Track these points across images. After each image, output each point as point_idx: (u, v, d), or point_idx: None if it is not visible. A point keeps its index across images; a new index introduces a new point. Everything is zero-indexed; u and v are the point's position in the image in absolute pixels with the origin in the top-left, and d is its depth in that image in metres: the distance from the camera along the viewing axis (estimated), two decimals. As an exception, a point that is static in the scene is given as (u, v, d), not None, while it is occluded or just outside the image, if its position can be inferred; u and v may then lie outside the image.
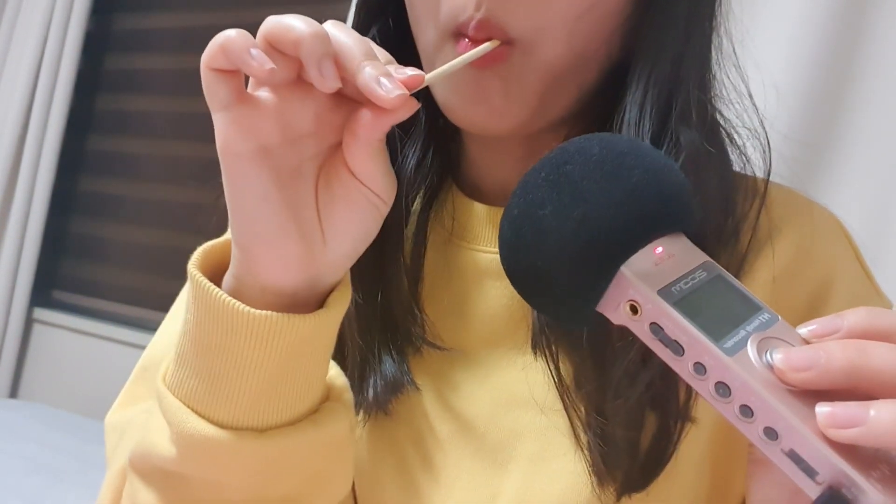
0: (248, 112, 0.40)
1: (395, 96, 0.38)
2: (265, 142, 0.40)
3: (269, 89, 0.40)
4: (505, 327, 0.55)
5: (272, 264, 0.43)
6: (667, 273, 0.34)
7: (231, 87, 0.39)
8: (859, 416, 0.29)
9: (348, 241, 0.44)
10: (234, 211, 0.42)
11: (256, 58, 0.37)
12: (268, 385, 0.44)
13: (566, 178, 0.36)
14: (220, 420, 0.45)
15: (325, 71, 0.38)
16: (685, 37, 0.50)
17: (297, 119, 0.41)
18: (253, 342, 0.43)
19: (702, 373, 0.32)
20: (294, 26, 0.38)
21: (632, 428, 0.49)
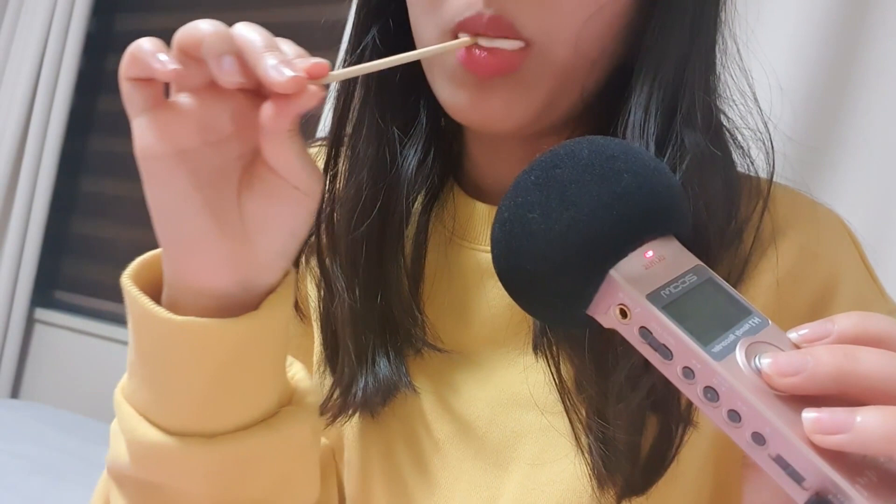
0: (165, 116, 0.40)
1: (286, 78, 0.37)
2: (182, 145, 0.40)
3: (187, 94, 0.41)
4: (506, 328, 0.55)
5: (198, 267, 0.43)
6: (656, 277, 0.34)
7: (146, 94, 0.40)
8: (846, 422, 0.29)
9: (274, 239, 0.43)
10: (156, 215, 0.42)
11: (161, 61, 0.38)
12: (209, 391, 0.44)
13: (555, 181, 0.36)
14: (170, 427, 0.45)
15: (223, 65, 0.38)
16: (690, 39, 0.50)
17: (216, 122, 0.41)
18: (183, 349, 0.43)
19: (690, 377, 0.32)
20: (197, 28, 0.39)
21: (633, 432, 0.48)
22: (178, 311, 0.43)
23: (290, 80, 0.37)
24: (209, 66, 0.38)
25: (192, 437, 0.45)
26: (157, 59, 0.38)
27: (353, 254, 0.55)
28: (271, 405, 0.47)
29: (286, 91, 0.38)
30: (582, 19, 0.48)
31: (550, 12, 0.47)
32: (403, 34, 0.54)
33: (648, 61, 0.49)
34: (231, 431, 0.45)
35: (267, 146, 0.41)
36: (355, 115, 0.57)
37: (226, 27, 0.39)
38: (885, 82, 1.06)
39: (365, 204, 0.55)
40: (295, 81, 0.37)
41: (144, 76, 0.39)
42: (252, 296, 0.45)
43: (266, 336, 0.45)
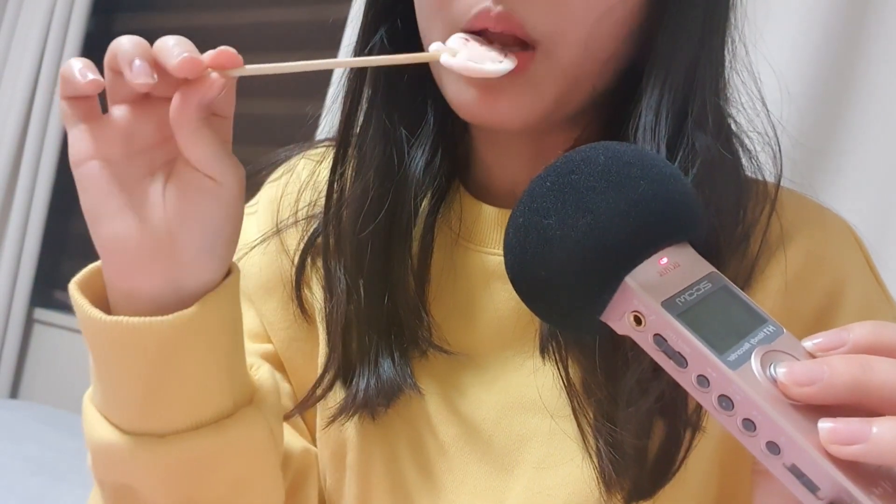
0: (93, 128, 0.44)
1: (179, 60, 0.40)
2: (106, 154, 0.44)
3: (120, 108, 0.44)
4: (513, 330, 0.54)
5: (126, 269, 0.45)
6: (671, 284, 0.34)
7: (77, 110, 0.44)
8: (861, 432, 0.29)
9: (193, 233, 0.45)
10: (87, 218, 0.45)
11: (81, 75, 0.42)
12: (146, 388, 0.46)
13: (571, 187, 0.36)
14: (124, 426, 0.47)
15: (133, 68, 0.41)
16: (700, 42, 0.50)
17: (141, 132, 0.44)
18: (116, 347, 0.46)
19: (705, 385, 0.32)
20: (116, 41, 0.42)
21: (641, 436, 0.49)
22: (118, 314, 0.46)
23: (183, 62, 0.40)
24: (123, 73, 0.41)
25: (144, 436, 0.47)
26: (79, 76, 0.42)
27: (359, 254, 0.55)
28: (224, 406, 0.48)
29: (179, 73, 0.41)
30: (592, 20, 0.48)
31: (560, 13, 0.47)
32: (411, 34, 0.54)
33: (659, 63, 0.49)
34: (181, 431, 0.47)
35: (179, 138, 0.44)
36: (363, 116, 0.57)
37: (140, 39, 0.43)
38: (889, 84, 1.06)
39: (372, 204, 0.55)
40: (187, 62, 0.40)
41: (75, 94, 0.43)
42: (186, 297, 0.46)
43: (201, 334, 0.46)
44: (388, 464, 0.57)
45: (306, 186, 0.63)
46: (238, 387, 0.49)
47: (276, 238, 0.63)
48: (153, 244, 0.45)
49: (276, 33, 2.13)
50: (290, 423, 0.61)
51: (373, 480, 0.57)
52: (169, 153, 0.45)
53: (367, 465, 0.57)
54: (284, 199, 0.63)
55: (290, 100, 1.93)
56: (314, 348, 0.61)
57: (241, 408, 0.49)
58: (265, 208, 0.64)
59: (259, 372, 0.54)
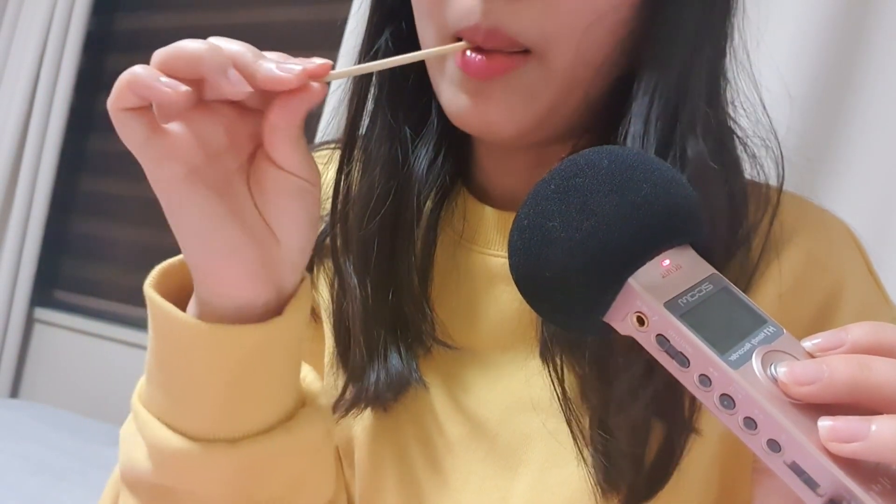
0: (168, 140, 0.40)
1: (296, 73, 0.39)
2: (191, 163, 0.41)
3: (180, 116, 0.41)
4: (515, 331, 0.55)
5: (237, 279, 0.44)
6: (673, 285, 0.35)
7: (145, 122, 0.40)
8: (861, 430, 0.30)
9: (300, 231, 0.45)
10: (185, 235, 0.43)
11: (168, 84, 0.38)
12: (229, 396, 0.45)
13: (575, 190, 0.36)
14: (191, 432, 0.46)
15: (232, 77, 0.39)
16: (694, 49, 0.50)
17: (212, 137, 0.42)
18: (205, 354, 0.44)
19: (707, 385, 0.33)
20: (187, 47, 0.39)
21: (636, 442, 0.49)
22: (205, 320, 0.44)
23: (300, 75, 0.39)
24: (216, 81, 0.39)
25: (215, 441, 0.46)
26: (164, 84, 0.38)
27: (366, 250, 0.56)
28: (289, 408, 0.48)
29: (294, 86, 0.40)
30: (582, 27, 0.48)
31: (549, 22, 0.47)
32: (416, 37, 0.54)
33: (649, 71, 0.49)
34: (252, 435, 0.46)
35: (278, 143, 0.42)
36: (368, 116, 0.57)
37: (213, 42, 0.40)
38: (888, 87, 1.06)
39: (377, 201, 0.56)
40: (305, 75, 0.39)
41: (141, 105, 0.39)
42: (283, 299, 0.46)
43: (285, 339, 0.46)
44: (397, 459, 0.57)
45: None
46: (298, 387, 0.50)
47: None
48: (264, 250, 0.44)
49: (276, 33, 2.14)
50: None
51: (381, 476, 0.58)
52: (237, 158, 0.43)
53: (376, 460, 0.58)
54: None
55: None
56: (319, 347, 0.62)
57: (300, 408, 0.50)
58: None
59: (303, 370, 0.53)
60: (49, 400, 2.24)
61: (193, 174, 0.41)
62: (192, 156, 0.41)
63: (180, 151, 0.41)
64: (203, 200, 0.42)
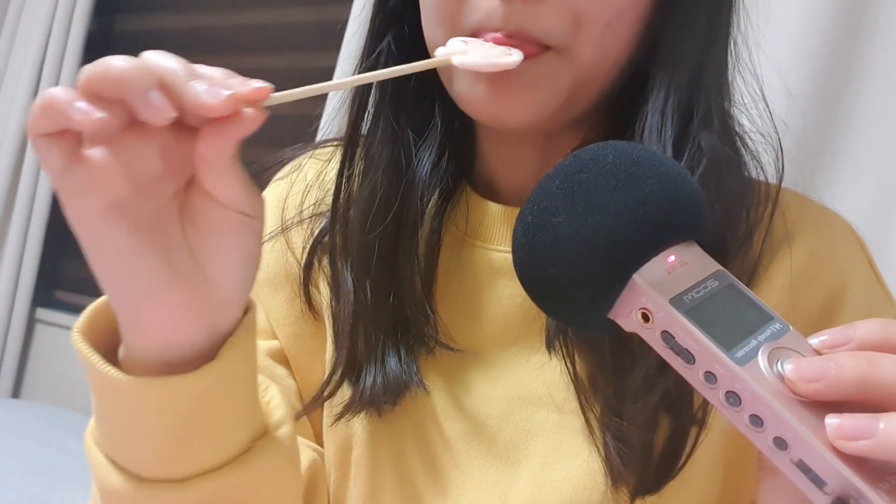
0: (89, 170, 0.36)
1: (221, 100, 0.35)
2: (114, 197, 0.37)
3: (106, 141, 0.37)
4: (518, 326, 0.55)
5: (162, 321, 0.40)
6: (679, 282, 0.35)
7: (63, 149, 0.35)
8: (868, 428, 0.29)
9: (233, 271, 0.41)
10: (104, 275, 0.39)
11: (82, 110, 0.34)
12: (172, 443, 0.42)
13: (580, 186, 0.36)
14: (137, 472, 0.43)
15: (154, 101, 0.35)
16: (705, 43, 0.51)
17: (143, 164, 0.37)
18: (137, 407, 0.41)
19: (712, 382, 0.33)
20: (112, 65, 0.35)
21: (647, 430, 0.49)
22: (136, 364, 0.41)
23: (226, 101, 0.35)
24: (136, 105, 0.35)
25: (162, 483, 0.43)
26: (77, 109, 0.34)
27: (366, 254, 0.56)
28: (243, 442, 0.45)
29: (220, 113, 0.35)
30: (604, 25, 0.48)
31: (572, 20, 0.47)
32: (418, 40, 0.54)
33: (665, 64, 0.50)
34: (202, 473, 0.44)
35: (209, 174, 0.38)
36: (370, 118, 0.57)
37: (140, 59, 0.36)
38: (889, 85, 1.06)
39: (380, 205, 0.56)
40: (232, 100, 0.35)
41: (59, 129, 0.35)
42: (218, 338, 0.42)
43: (229, 382, 0.43)
44: (395, 459, 0.57)
45: (313, 185, 0.63)
46: (255, 419, 0.47)
47: (282, 236, 0.63)
48: (194, 290, 0.40)
49: (276, 33, 2.14)
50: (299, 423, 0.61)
51: (379, 475, 0.58)
52: (173, 185, 0.39)
53: (374, 460, 0.58)
54: (291, 198, 0.64)
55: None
56: (320, 345, 0.62)
57: (257, 439, 0.47)
58: (272, 206, 0.65)
59: (269, 394, 0.51)
60: (50, 400, 2.24)
61: (114, 209, 0.37)
62: (115, 188, 0.37)
63: (101, 183, 0.36)
64: (122, 239, 0.38)
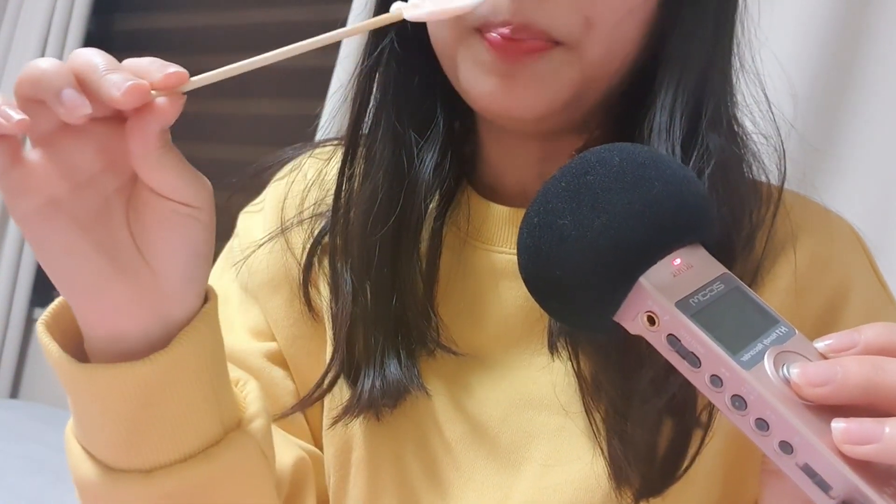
0: (26, 171, 0.38)
1: (122, 92, 0.35)
2: (51, 195, 0.38)
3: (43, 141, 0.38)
4: (520, 328, 0.55)
5: (104, 313, 0.42)
6: (685, 284, 0.35)
7: (3, 152, 0.37)
8: (874, 433, 0.29)
9: (178, 264, 0.42)
10: (48, 269, 0.41)
11: (3, 116, 0.35)
12: (130, 430, 0.43)
13: (586, 188, 0.36)
14: (108, 462, 0.45)
15: (65, 100, 0.35)
16: (712, 44, 0.51)
17: (81, 161, 0.39)
18: (94, 393, 0.43)
19: (718, 385, 0.33)
20: (32, 67, 0.36)
21: (652, 433, 0.49)
22: (95, 354, 0.43)
23: (127, 92, 0.35)
24: (51, 104, 0.36)
25: (129, 472, 0.44)
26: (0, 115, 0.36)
27: (367, 255, 0.56)
28: (212, 433, 0.46)
29: (127, 106, 0.36)
30: (613, 23, 0.48)
31: (582, 17, 0.47)
32: (421, 36, 0.54)
33: (672, 65, 0.50)
34: (168, 465, 0.45)
35: (142, 169, 0.39)
36: (371, 118, 0.57)
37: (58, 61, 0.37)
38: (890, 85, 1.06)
39: (381, 206, 0.55)
40: (133, 91, 0.35)
41: None
42: (173, 327, 0.43)
43: (183, 370, 0.44)
44: (394, 462, 0.57)
45: (312, 185, 0.63)
46: (225, 411, 0.47)
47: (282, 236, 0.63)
48: (136, 283, 0.41)
49: (276, 33, 2.13)
50: (291, 422, 0.61)
51: (378, 478, 0.57)
52: (116, 179, 0.40)
53: (373, 463, 0.58)
54: (290, 198, 0.64)
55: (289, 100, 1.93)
56: (319, 347, 0.61)
57: (230, 432, 0.47)
58: (271, 206, 0.64)
59: (246, 388, 0.52)
60: (48, 400, 2.24)
61: (51, 207, 0.38)
62: (49, 187, 0.38)
63: (37, 183, 0.38)
64: (61, 235, 0.39)
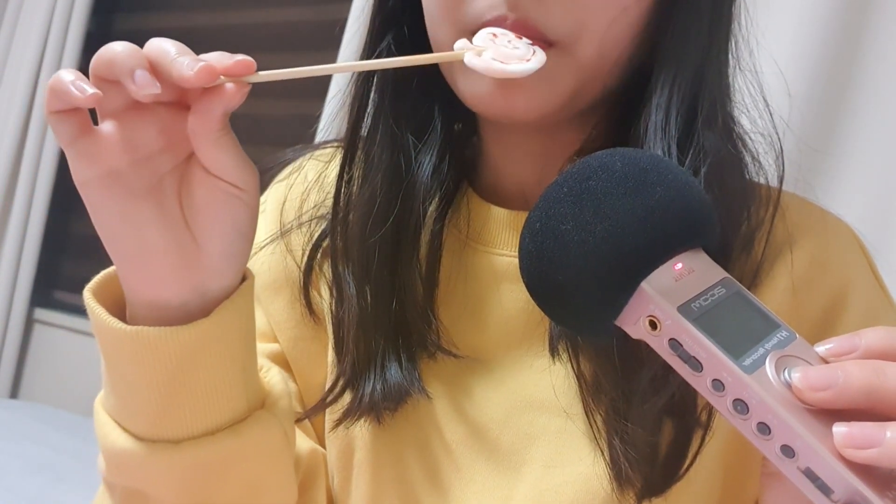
0: (92, 142, 0.42)
1: (194, 71, 0.38)
2: (112, 166, 0.42)
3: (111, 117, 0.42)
4: (521, 331, 0.55)
5: (147, 281, 0.45)
6: (686, 289, 0.35)
7: (72, 124, 0.41)
8: (876, 437, 0.30)
9: (221, 240, 0.45)
10: (101, 233, 0.44)
11: (80, 89, 0.39)
12: (164, 397, 0.46)
13: (589, 193, 0.36)
14: (137, 432, 0.47)
15: (137, 80, 0.39)
16: (708, 41, 0.51)
17: (143, 139, 0.42)
18: (134, 357, 0.45)
19: (720, 389, 0.33)
20: (108, 49, 0.40)
21: (653, 433, 0.49)
22: (137, 322, 0.45)
23: (199, 72, 0.38)
24: (124, 83, 0.40)
25: (159, 442, 0.46)
26: (75, 88, 0.39)
27: (367, 259, 0.56)
28: (239, 410, 0.48)
29: (196, 84, 0.39)
30: (607, 21, 0.48)
31: (577, 16, 0.48)
32: (419, 40, 0.54)
33: (668, 63, 0.50)
34: (197, 437, 0.47)
35: (200, 149, 0.43)
36: (370, 121, 0.57)
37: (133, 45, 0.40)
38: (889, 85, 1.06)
39: (380, 210, 0.55)
40: (205, 72, 0.39)
41: (67, 107, 0.40)
42: (209, 302, 0.46)
43: (219, 341, 0.46)
44: (396, 464, 0.57)
45: (313, 187, 0.63)
46: (251, 391, 0.49)
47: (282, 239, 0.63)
48: (181, 253, 0.44)
49: (276, 33, 2.13)
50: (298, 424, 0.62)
51: (380, 481, 0.57)
52: (173, 159, 0.44)
53: (375, 465, 0.58)
54: (290, 200, 0.64)
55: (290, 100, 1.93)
56: (321, 349, 0.61)
57: (255, 411, 0.49)
58: (273, 209, 0.64)
59: (269, 374, 0.54)
60: (48, 400, 2.24)
61: (111, 177, 0.42)
62: (115, 159, 0.42)
63: (102, 154, 0.42)
64: (117, 203, 0.43)
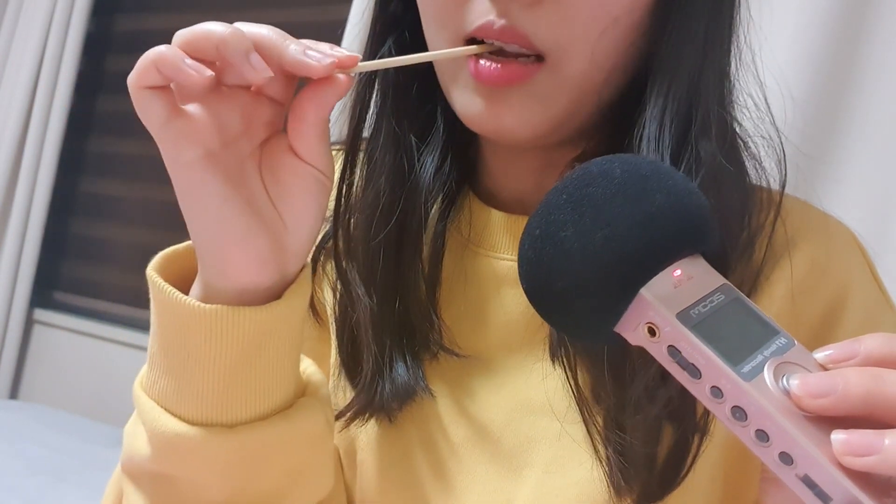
0: (187, 122, 0.41)
1: (325, 63, 0.39)
2: (209, 147, 0.42)
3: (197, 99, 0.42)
4: (522, 335, 0.55)
5: (247, 263, 0.44)
6: (685, 296, 0.35)
7: (165, 102, 0.40)
8: (875, 444, 0.30)
9: (308, 221, 0.45)
10: (197, 219, 0.43)
11: (192, 66, 0.39)
12: (230, 379, 0.46)
13: (588, 200, 0.36)
14: (190, 417, 0.46)
15: (255, 62, 0.39)
16: (704, 50, 0.50)
17: (229, 122, 0.42)
18: (207, 336, 0.45)
19: (719, 396, 0.33)
20: (211, 30, 0.40)
21: (650, 442, 0.49)
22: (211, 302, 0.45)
23: (330, 65, 0.39)
24: (237, 65, 0.39)
25: (213, 426, 0.46)
26: (189, 66, 0.39)
27: (371, 259, 0.56)
28: (288, 396, 0.49)
29: (323, 73, 0.40)
30: (598, 32, 0.48)
31: (565, 25, 0.47)
32: (419, 45, 0.54)
33: (662, 73, 0.49)
34: (250, 421, 0.47)
35: (304, 133, 0.43)
36: (372, 123, 0.57)
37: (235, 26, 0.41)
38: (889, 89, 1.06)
39: (383, 210, 0.55)
40: (334, 65, 0.39)
41: (163, 84, 0.40)
42: (284, 285, 0.46)
43: (286, 324, 0.47)
44: (401, 463, 0.57)
45: None
46: (298, 376, 0.50)
47: None
48: (276, 239, 0.44)
49: (276, 34, 2.13)
50: None
51: (385, 479, 0.58)
52: (250, 144, 0.44)
53: (380, 464, 0.58)
54: None
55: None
56: (326, 350, 0.62)
57: (300, 398, 0.50)
58: None
59: (303, 363, 0.54)
60: (48, 401, 2.24)
61: (210, 157, 0.42)
62: (210, 139, 0.41)
63: (199, 134, 0.41)
64: (219, 185, 0.42)
